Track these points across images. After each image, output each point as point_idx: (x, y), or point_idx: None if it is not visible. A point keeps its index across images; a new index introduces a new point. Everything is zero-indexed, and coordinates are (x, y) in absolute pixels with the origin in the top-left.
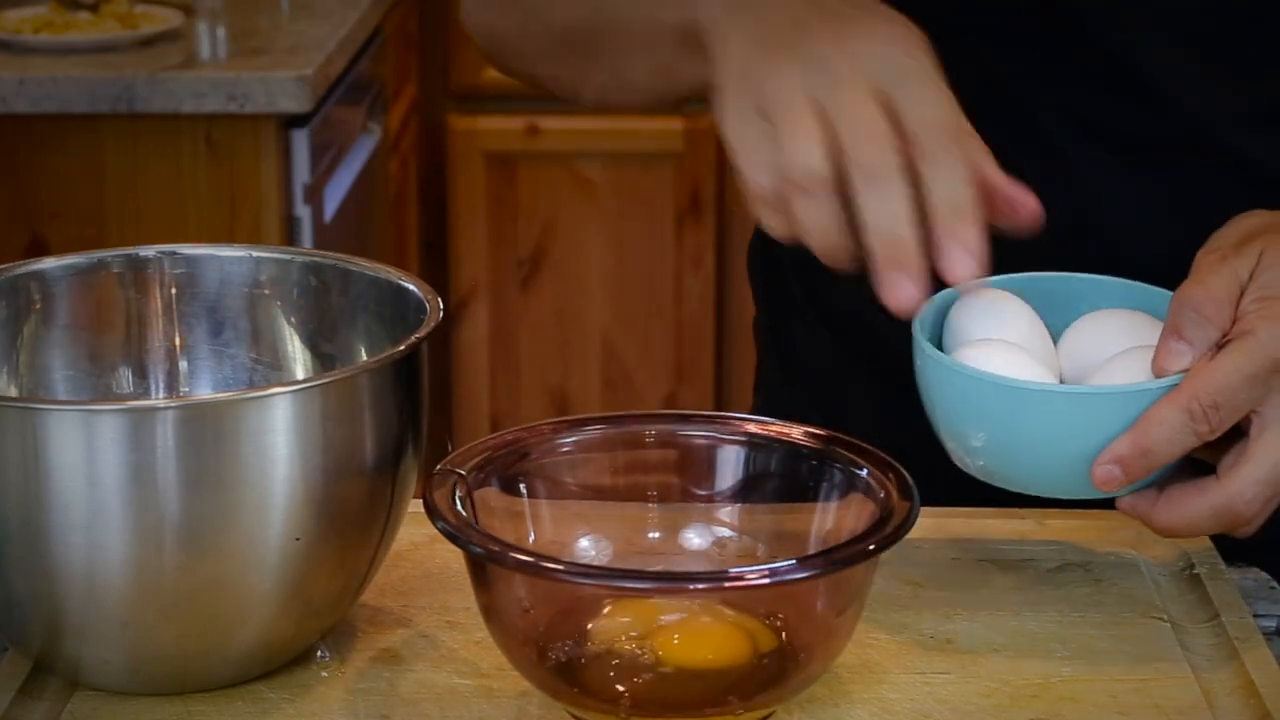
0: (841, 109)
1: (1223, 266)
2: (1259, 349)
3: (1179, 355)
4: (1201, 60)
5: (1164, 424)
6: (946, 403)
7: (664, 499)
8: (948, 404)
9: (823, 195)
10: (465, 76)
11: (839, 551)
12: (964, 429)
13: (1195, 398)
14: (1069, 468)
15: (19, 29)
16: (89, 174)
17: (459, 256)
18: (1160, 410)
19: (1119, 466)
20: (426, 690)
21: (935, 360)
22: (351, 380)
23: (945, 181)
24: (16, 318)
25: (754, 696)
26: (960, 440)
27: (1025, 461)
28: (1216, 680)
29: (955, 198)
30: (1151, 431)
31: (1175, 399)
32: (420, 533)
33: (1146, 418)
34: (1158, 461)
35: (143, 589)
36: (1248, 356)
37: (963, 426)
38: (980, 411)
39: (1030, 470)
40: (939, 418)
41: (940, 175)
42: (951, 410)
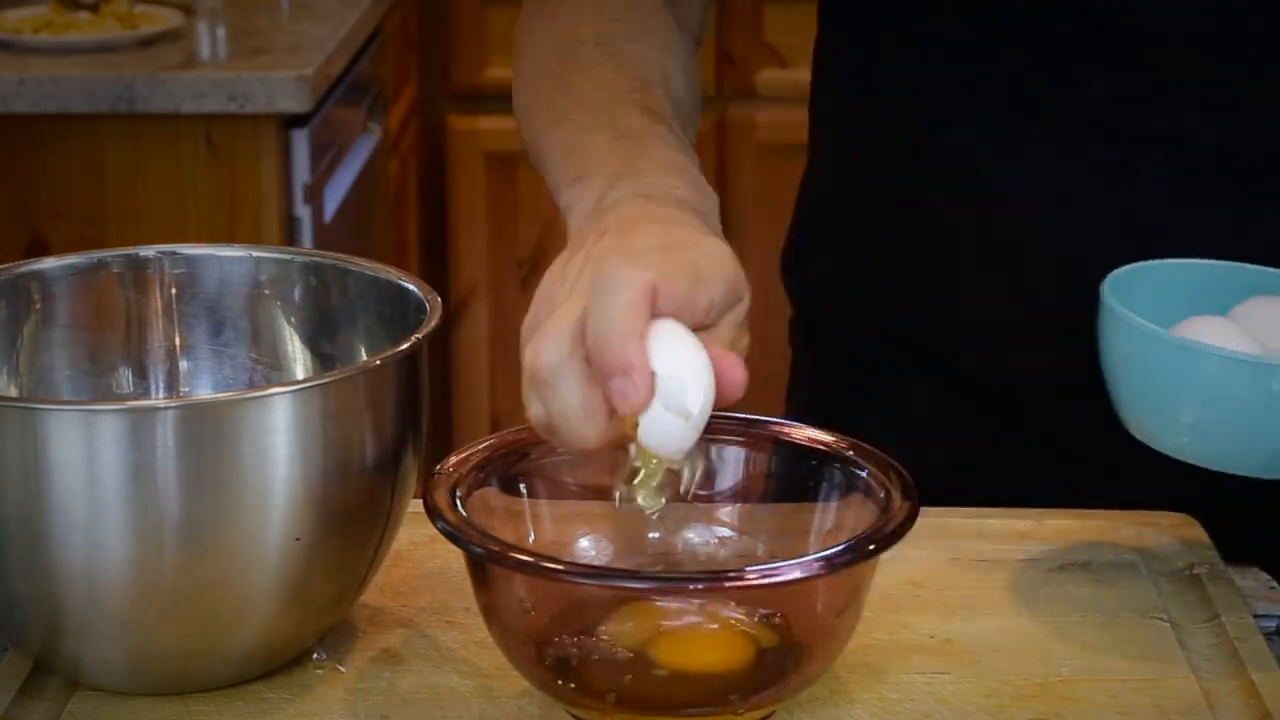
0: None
1: None
2: None
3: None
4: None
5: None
6: (1150, 374)
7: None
8: (1151, 375)
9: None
10: (465, 76)
11: (839, 551)
12: (1174, 403)
13: None
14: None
15: (19, 29)
16: (89, 174)
17: (459, 256)
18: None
19: None
20: (426, 690)
21: (1146, 332)
22: (351, 380)
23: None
24: (16, 318)
25: (754, 696)
26: (1164, 415)
27: (1238, 438)
28: (1216, 680)
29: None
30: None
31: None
32: (420, 533)
33: None
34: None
35: (143, 589)
36: None
37: (1173, 401)
38: (1194, 384)
39: (1240, 448)
40: (1135, 390)
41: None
42: (1159, 384)
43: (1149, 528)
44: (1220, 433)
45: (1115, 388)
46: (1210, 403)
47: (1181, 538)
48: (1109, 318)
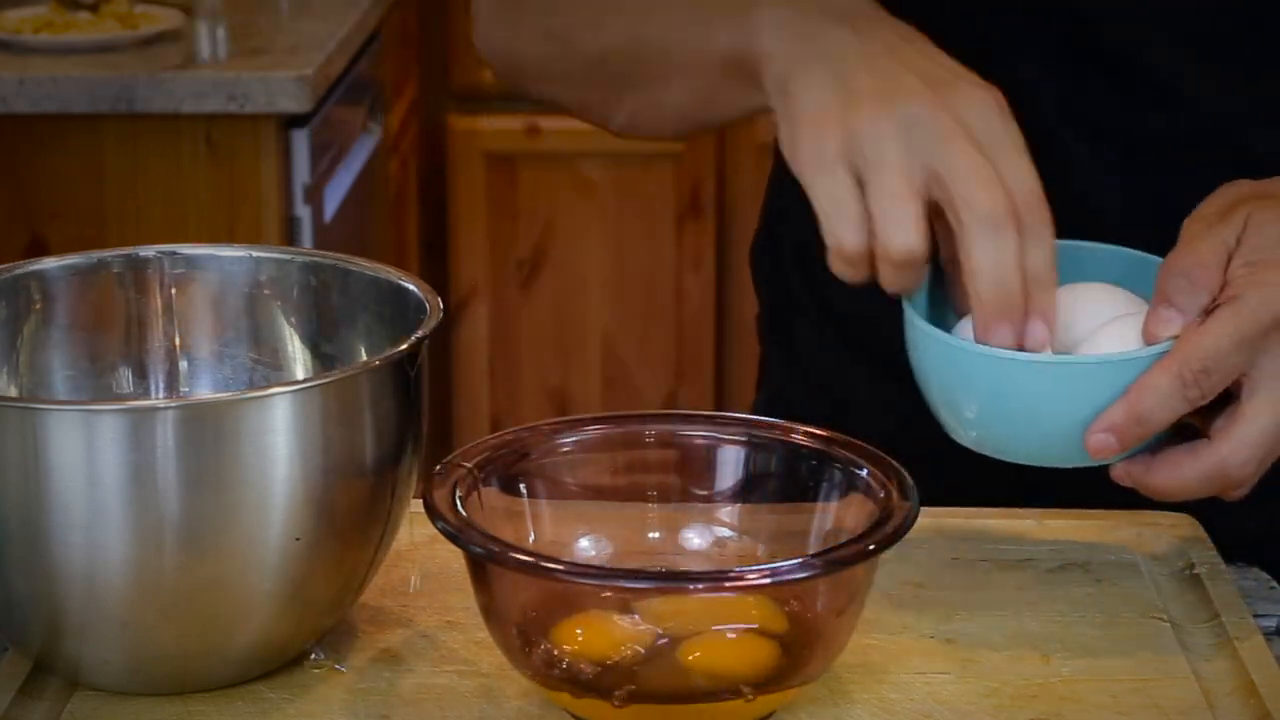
0: (952, 161)
1: (1210, 233)
2: (1247, 313)
3: (1169, 321)
4: (1209, 58)
5: (1156, 390)
6: (938, 375)
7: (664, 499)
8: (940, 377)
9: (916, 268)
10: (465, 76)
11: (839, 551)
12: (956, 401)
13: (1186, 363)
14: (1062, 437)
15: (19, 29)
16: (89, 174)
17: (459, 256)
18: (1152, 377)
19: (1113, 435)
20: (426, 690)
21: (927, 334)
22: (351, 380)
23: (1036, 252)
24: (16, 318)
25: (766, 687)
26: (953, 412)
27: (1018, 432)
28: (1216, 680)
29: (1041, 270)
30: (1145, 399)
31: (1166, 365)
32: (420, 533)
33: (1139, 385)
34: (1151, 428)
35: (143, 589)
36: (1236, 321)
37: (955, 398)
38: (971, 383)
39: (1023, 441)
40: (932, 391)
41: (1032, 245)
42: (944, 383)
43: (1149, 528)
44: (1002, 428)
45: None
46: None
47: (1181, 538)
48: (906, 324)
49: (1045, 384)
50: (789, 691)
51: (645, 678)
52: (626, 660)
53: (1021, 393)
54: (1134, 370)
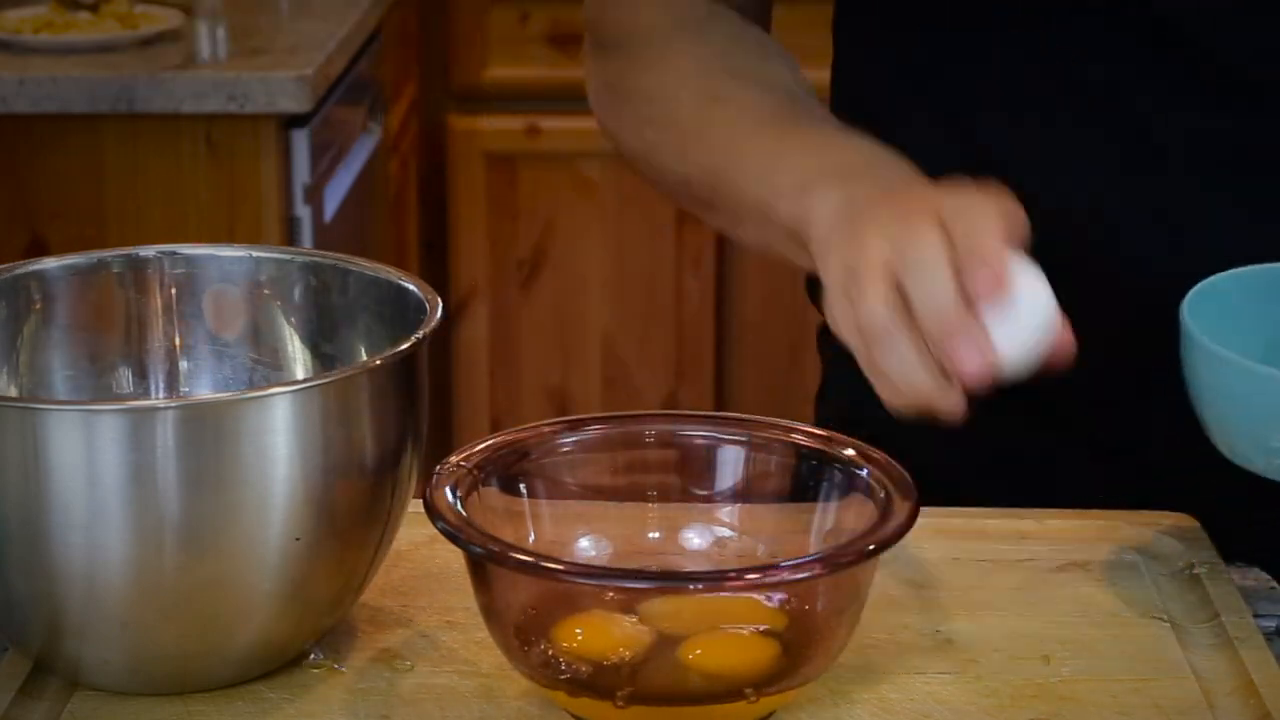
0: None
1: None
2: None
3: None
4: None
5: None
6: (1238, 403)
7: (664, 499)
8: (1240, 404)
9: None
10: (465, 76)
11: (839, 551)
12: (1262, 429)
13: None
14: None
15: (19, 29)
16: (89, 174)
17: (459, 256)
18: None
19: None
20: (426, 690)
21: (1230, 363)
22: (351, 380)
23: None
24: (16, 318)
25: (767, 688)
26: (1257, 442)
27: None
28: (1216, 680)
29: None
30: None
31: None
32: (420, 533)
33: None
34: None
35: (143, 589)
36: None
37: (1260, 427)
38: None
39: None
40: (1227, 418)
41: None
42: (1245, 411)
43: (1149, 528)
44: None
45: (1201, 411)
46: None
47: (1181, 538)
48: (1190, 345)
49: None
50: (790, 691)
51: (646, 678)
52: (627, 660)
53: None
54: None
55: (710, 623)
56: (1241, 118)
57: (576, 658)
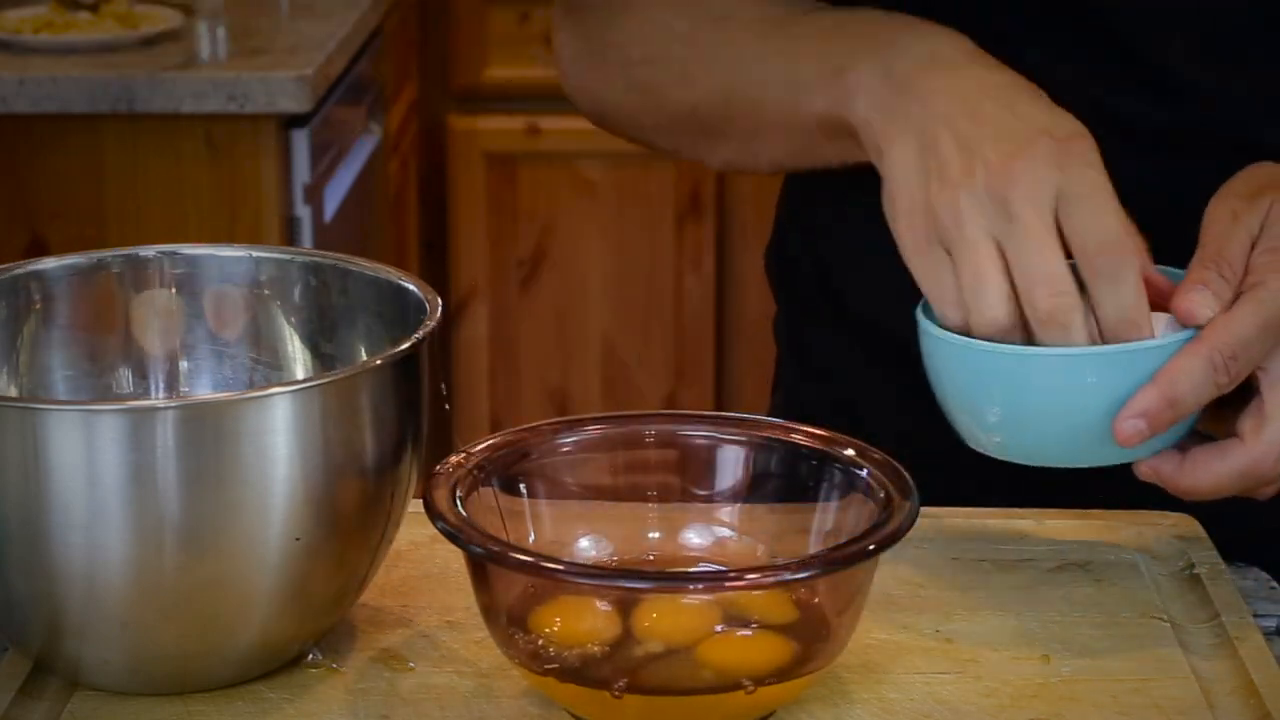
0: (1022, 255)
1: (1235, 222)
2: (1271, 299)
3: (1207, 301)
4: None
5: (1188, 374)
6: (957, 380)
7: (664, 499)
8: (958, 382)
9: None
10: (465, 76)
11: (839, 551)
12: (978, 406)
13: (1217, 348)
14: (1088, 433)
15: (19, 29)
16: (89, 174)
17: (459, 256)
18: (1182, 361)
19: (1144, 420)
20: (426, 690)
21: (942, 339)
22: (351, 380)
23: (1111, 300)
24: (16, 318)
25: (754, 689)
26: (975, 418)
27: (1043, 432)
28: (1216, 680)
29: (1122, 315)
30: (1177, 382)
31: (1196, 350)
32: (420, 533)
33: (1169, 369)
34: (1183, 412)
35: (143, 589)
36: (1261, 307)
37: (976, 404)
38: (994, 385)
39: (1049, 441)
40: (950, 398)
41: (1108, 294)
42: (963, 387)
43: (1149, 528)
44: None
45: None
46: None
47: (1181, 538)
48: (919, 331)
49: (1070, 377)
50: (789, 685)
51: (644, 671)
52: (625, 655)
53: (1046, 388)
54: (1159, 358)
55: (710, 621)
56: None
57: (574, 654)
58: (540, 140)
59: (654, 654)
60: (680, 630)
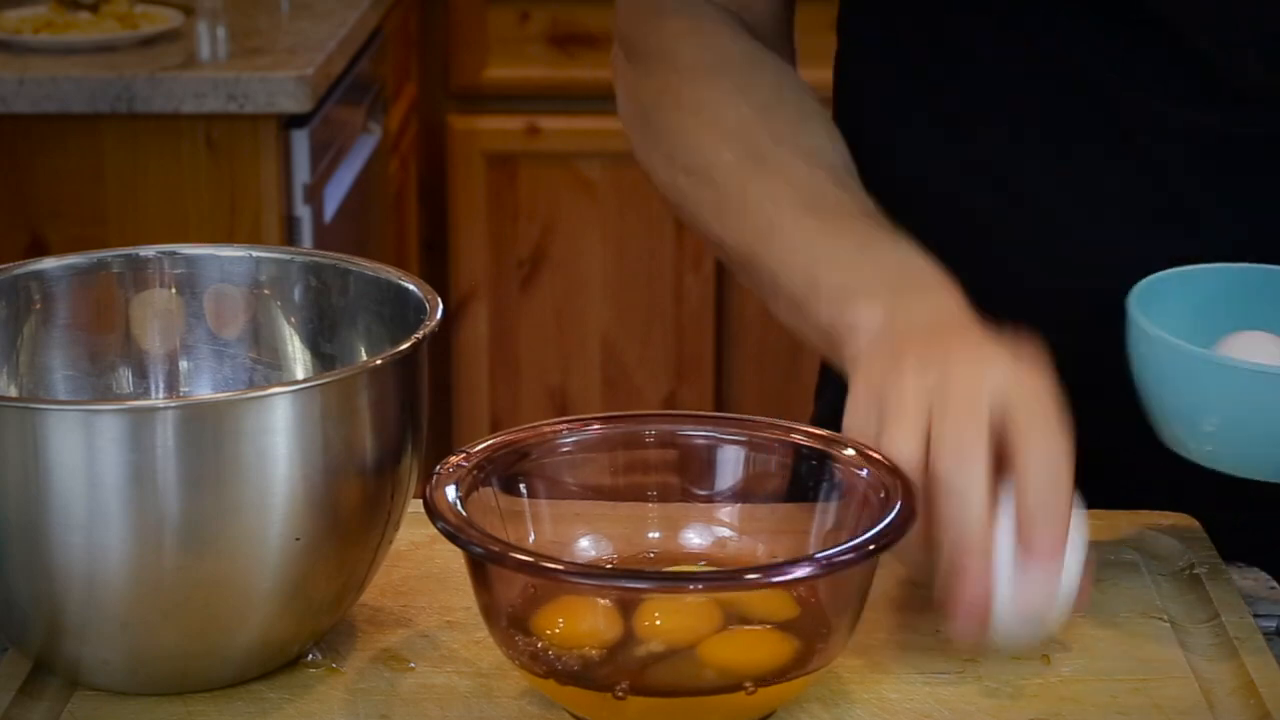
0: (945, 414)
1: None
2: None
3: None
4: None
5: None
6: (1174, 386)
7: (664, 499)
8: (1176, 387)
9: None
10: (465, 76)
11: (839, 551)
12: (1195, 413)
13: None
14: None
15: (19, 29)
16: (89, 174)
17: (459, 256)
18: None
19: None
20: (426, 690)
21: (1165, 343)
22: (351, 380)
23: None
24: (16, 318)
25: (755, 689)
26: (1188, 424)
27: (1262, 446)
28: (1216, 680)
29: None
30: None
31: None
32: (420, 533)
33: None
34: None
35: (143, 589)
36: None
37: (1193, 411)
38: (1216, 395)
39: (1266, 455)
40: (1164, 402)
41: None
42: (1181, 394)
43: (1149, 528)
44: (1243, 441)
45: (1143, 398)
46: (1221, 410)
47: (1181, 538)
48: (1133, 330)
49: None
50: (789, 685)
51: (646, 672)
52: (626, 656)
53: (1266, 405)
54: None
55: (710, 621)
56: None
57: (575, 654)
58: (540, 140)
59: (655, 654)
60: (682, 630)
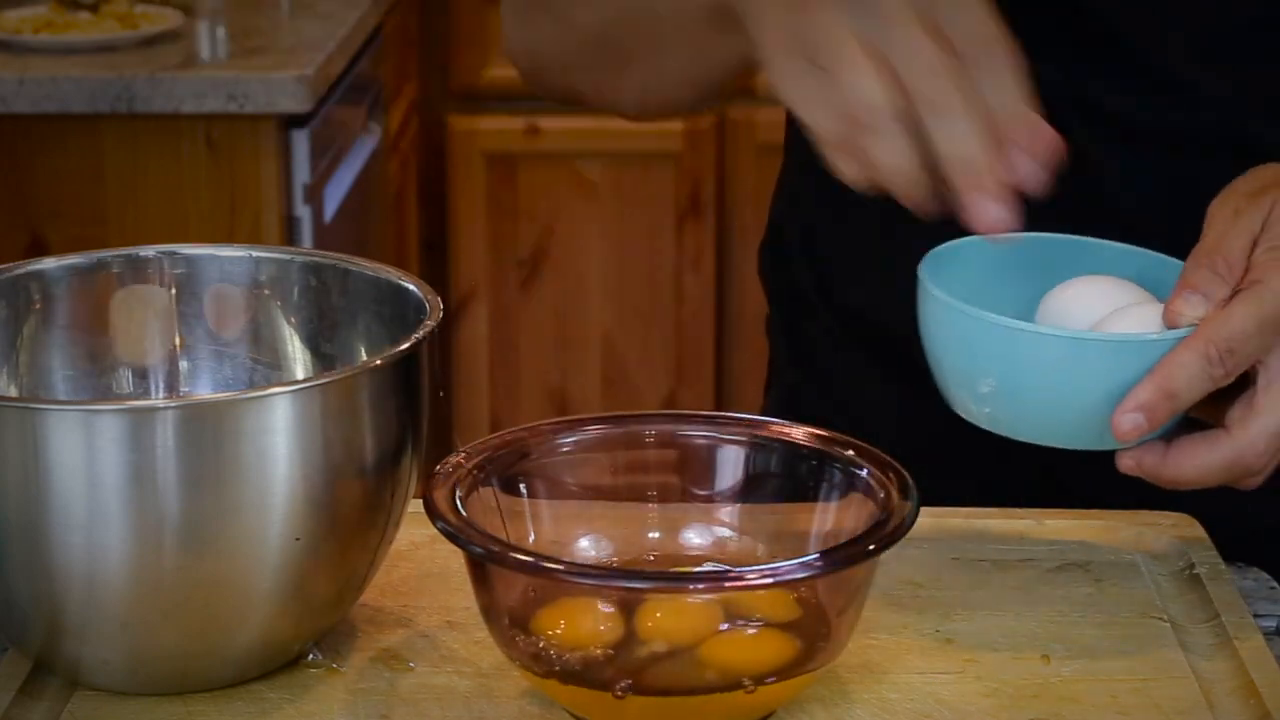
0: (894, 46)
1: (1236, 220)
2: (1270, 297)
3: (1193, 304)
4: (1220, 56)
5: (1184, 368)
6: (954, 347)
7: (664, 499)
8: (955, 348)
9: (890, 129)
10: (465, 76)
11: (839, 551)
12: (971, 375)
13: (1212, 342)
14: (1077, 416)
15: (19, 29)
16: (89, 174)
17: (459, 256)
18: (1180, 355)
19: (1143, 413)
20: (426, 690)
21: (943, 303)
22: (351, 380)
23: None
24: (16, 318)
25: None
26: (966, 387)
27: (1033, 409)
28: (1216, 680)
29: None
30: (1174, 376)
31: (1193, 344)
32: (420, 533)
33: (1167, 363)
34: (1180, 406)
35: (143, 589)
36: (1259, 304)
37: (970, 372)
38: (988, 355)
39: (1038, 419)
40: (945, 363)
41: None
42: (960, 355)
43: (1149, 528)
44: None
45: (932, 363)
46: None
47: (1181, 538)
48: (920, 293)
49: (1067, 358)
50: (788, 684)
51: (647, 672)
52: (627, 656)
53: (1040, 367)
54: (1157, 351)
55: (711, 621)
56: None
57: (575, 654)
58: (540, 140)
59: (656, 654)
60: (682, 630)
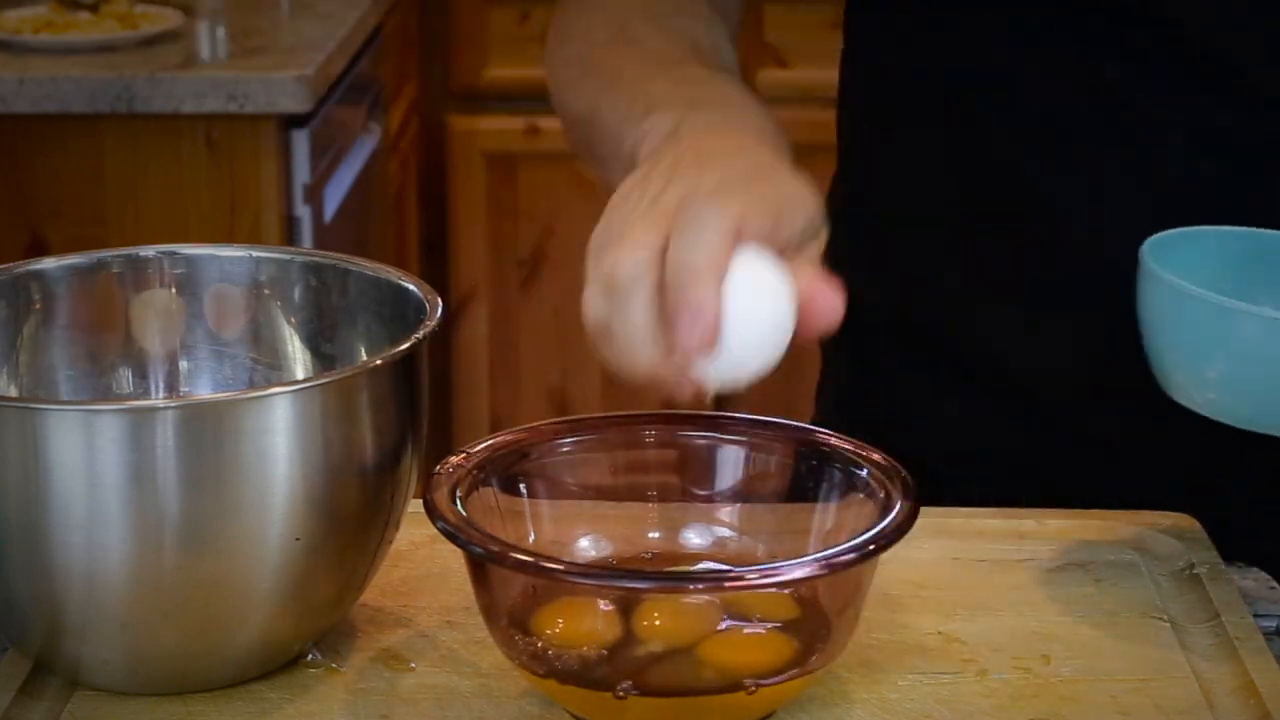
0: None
1: None
2: None
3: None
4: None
5: None
6: (1179, 331)
7: (664, 499)
8: (1182, 332)
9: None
10: (465, 76)
11: (839, 551)
12: (1197, 359)
13: None
14: None
15: (19, 29)
16: (89, 174)
17: (459, 256)
18: None
19: None
20: (426, 690)
21: (1172, 286)
22: (351, 380)
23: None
24: (16, 318)
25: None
26: (1191, 371)
27: (1263, 395)
28: (1216, 680)
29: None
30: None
31: None
32: (420, 533)
33: None
34: None
35: (143, 589)
36: None
37: (1196, 356)
38: (1221, 340)
39: (1267, 405)
40: (1167, 348)
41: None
42: (1187, 339)
43: (1149, 528)
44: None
45: (1148, 346)
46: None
47: (1181, 538)
48: (1146, 278)
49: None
50: (788, 685)
51: (647, 672)
52: (627, 656)
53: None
54: None
55: (711, 620)
56: (1243, 115)
57: (575, 654)
58: (540, 140)
59: (656, 654)
60: (682, 630)
